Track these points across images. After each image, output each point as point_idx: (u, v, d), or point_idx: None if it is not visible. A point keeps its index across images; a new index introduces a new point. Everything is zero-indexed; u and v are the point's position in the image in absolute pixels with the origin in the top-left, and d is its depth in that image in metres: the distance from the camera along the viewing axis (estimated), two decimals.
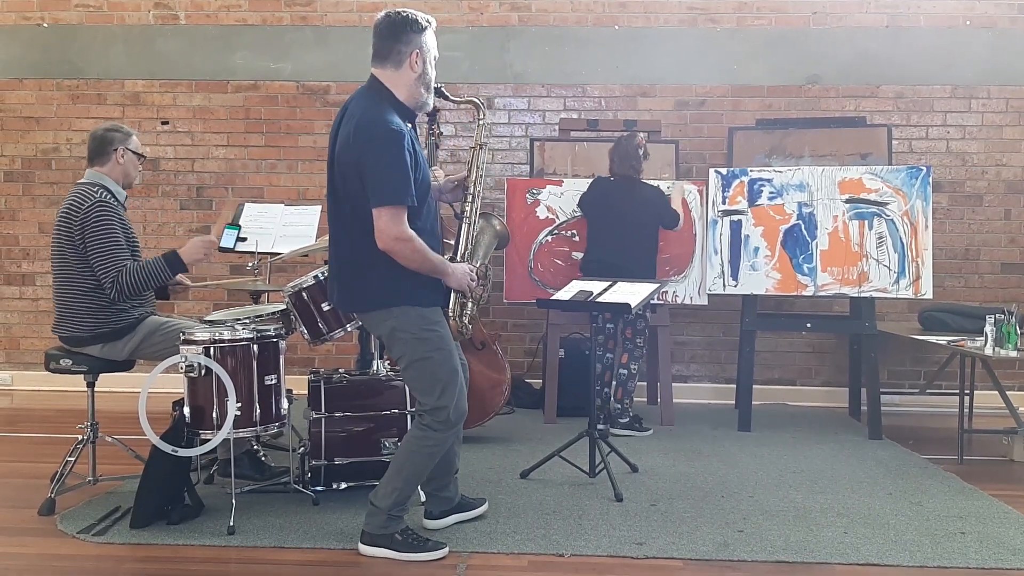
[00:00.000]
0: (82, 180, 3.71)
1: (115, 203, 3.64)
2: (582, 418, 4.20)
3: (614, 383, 5.09)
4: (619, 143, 5.05)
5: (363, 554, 3.05)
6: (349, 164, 2.86)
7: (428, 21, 2.96)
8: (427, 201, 3.00)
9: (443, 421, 2.99)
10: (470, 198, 3.22)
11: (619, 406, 5.02)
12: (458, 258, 3.15)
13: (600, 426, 4.98)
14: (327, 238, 3.08)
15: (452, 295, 3.10)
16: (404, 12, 2.92)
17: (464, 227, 3.20)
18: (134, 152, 3.76)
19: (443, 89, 3.12)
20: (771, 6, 6.13)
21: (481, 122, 3.30)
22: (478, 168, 3.23)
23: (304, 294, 3.62)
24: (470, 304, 3.18)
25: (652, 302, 4.70)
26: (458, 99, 3.31)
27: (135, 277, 3.53)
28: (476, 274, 3.14)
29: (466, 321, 3.16)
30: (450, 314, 3.10)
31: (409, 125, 2.97)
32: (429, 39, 2.96)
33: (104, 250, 3.51)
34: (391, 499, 3.01)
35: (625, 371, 5.05)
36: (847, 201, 5.02)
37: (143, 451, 3.50)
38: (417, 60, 2.92)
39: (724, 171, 5.24)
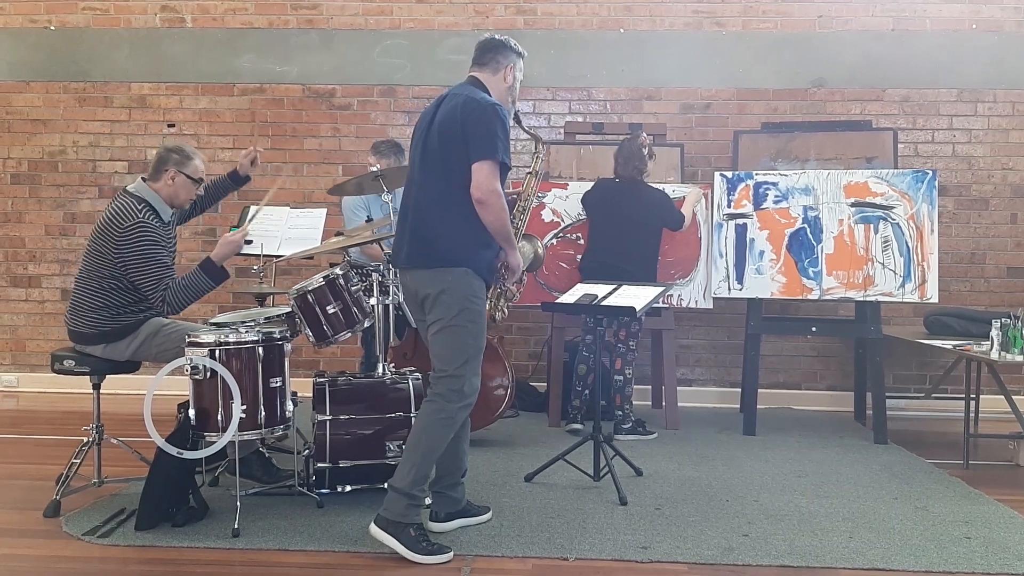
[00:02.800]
0: (131, 188, 3.71)
1: (156, 223, 3.64)
2: (587, 423, 4.19)
3: (611, 390, 5.06)
4: (623, 145, 5.05)
5: (372, 535, 3.04)
6: (453, 131, 3.09)
7: (523, 50, 3.36)
8: (510, 168, 3.20)
9: (456, 391, 3.08)
10: (521, 211, 3.84)
11: (620, 413, 5.00)
12: None
13: (577, 425, 4.99)
14: (333, 240, 3.14)
15: (492, 285, 3.38)
16: (506, 37, 3.34)
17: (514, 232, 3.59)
18: (188, 176, 3.75)
19: (520, 114, 3.50)
20: (776, 9, 6.13)
21: (538, 155, 3.86)
22: (532, 189, 3.89)
23: (309, 296, 3.62)
24: (503, 299, 3.48)
25: (655, 305, 4.69)
26: (527, 129, 3.75)
27: (181, 294, 3.56)
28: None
29: (498, 309, 3.47)
30: (488, 297, 3.33)
31: None
32: (520, 64, 3.35)
33: (146, 271, 3.54)
34: (409, 477, 3.03)
35: (620, 377, 5.01)
36: (853, 205, 5.02)
37: (148, 453, 3.51)
38: (510, 73, 3.30)
39: (729, 175, 5.24)
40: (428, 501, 3.38)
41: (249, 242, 4.44)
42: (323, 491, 3.63)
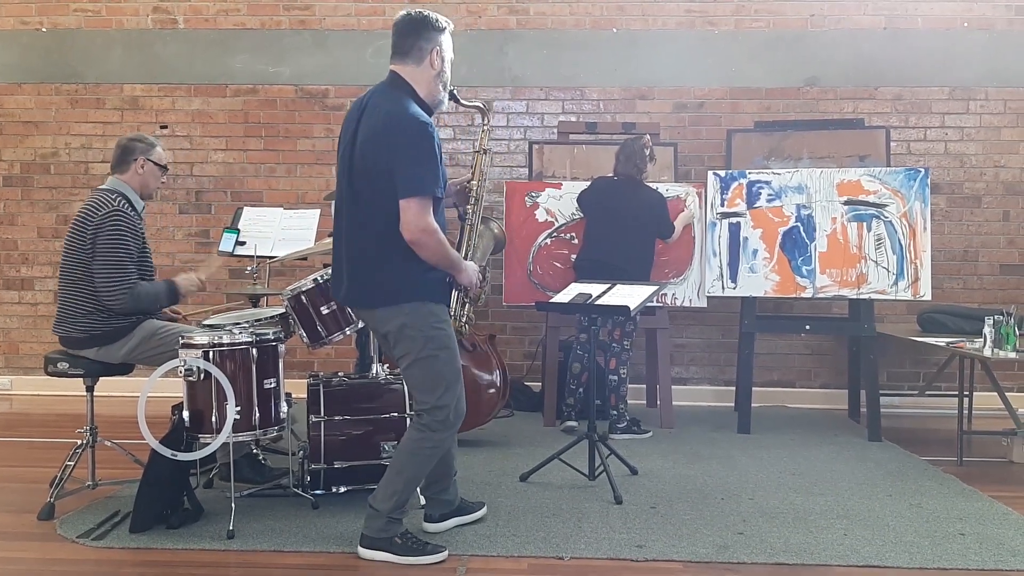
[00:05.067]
0: (102, 186, 3.74)
1: (132, 212, 3.66)
2: (582, 421, 4.19)
3: (606, 390, 5.06)
4: (625, 144, 5.05)
5: (363, 557, 3.04)
6: (377, 156, 2.85)
7: (447, 23, 3.03)
8: (442, 198, 3.00)
9: (442, 421, 2.99)
10: (473, 201, 3.27)
11: (614, 412, 5.00)
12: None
13: (572, 423, 4.99)
14: (326, 241, 3.08)
15: (454, 295, 3.12)
16: (425, 12, 2.98)
17: (467, 229, 3.26)
18: (155, 163, 3.78)
19: (455, 92, 3.14)
20: (769, 8, 6.14)
21: (485, 127, 3.33)
22: (481, 172, 3.28)
23: (303, 297, 3.62)
24: (468, 305, 3.22)
25: (649, 304, 4.69)
26: (467, 103, 3.30)
27: (142, 298, 3.59)
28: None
29: (464, 321, 3.19)
30: (451, 313, 3.11)
31: None
32: (447, 40, 3.03)
33: (111, 266, 3.53)
34: (391, 502, 3.01)
35: (615, 377, 5.01)
36: (845, 203, 5.03)
37: (142, 455, 3.50)
38: (437, 58, 2.98)
39: (723, 173, 5.25)
40: (422, 502, 3.38)
41: (242, 243, 4.45)
42: (318, 492, 3.63)
